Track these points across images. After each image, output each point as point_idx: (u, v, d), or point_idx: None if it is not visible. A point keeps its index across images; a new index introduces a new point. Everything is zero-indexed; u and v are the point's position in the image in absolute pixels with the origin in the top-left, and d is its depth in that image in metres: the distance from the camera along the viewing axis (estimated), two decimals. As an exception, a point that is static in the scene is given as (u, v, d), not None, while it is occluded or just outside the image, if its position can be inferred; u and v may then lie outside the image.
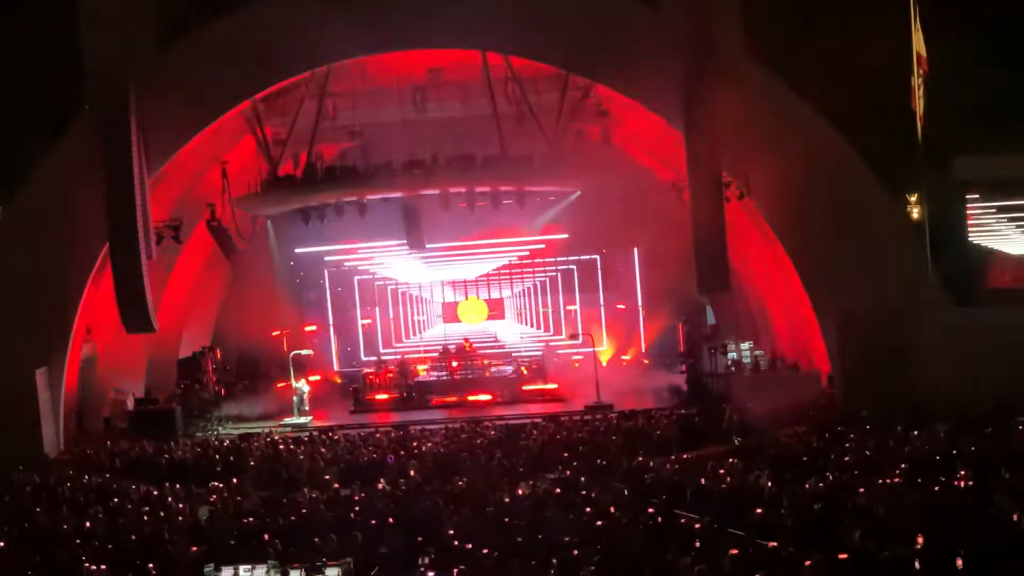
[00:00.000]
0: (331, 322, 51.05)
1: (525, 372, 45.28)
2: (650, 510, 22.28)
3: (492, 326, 51.82)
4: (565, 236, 46.44)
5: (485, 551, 19.95)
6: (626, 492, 24.79)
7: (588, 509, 22.87)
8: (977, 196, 37.13)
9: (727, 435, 31.88)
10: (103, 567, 20.85)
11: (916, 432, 28.47)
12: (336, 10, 35.62)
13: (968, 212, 37.11)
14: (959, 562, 16.98)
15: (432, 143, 39.39)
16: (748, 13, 35.18)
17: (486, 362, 47.05)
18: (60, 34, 36.86)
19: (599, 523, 21.61)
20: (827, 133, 35.68)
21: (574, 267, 50.46)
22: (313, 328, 49.06)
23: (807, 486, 23.49)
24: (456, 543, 20.73)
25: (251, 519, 24.35)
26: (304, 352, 44.61)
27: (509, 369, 46.10)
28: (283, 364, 43.75)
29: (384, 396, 44.33)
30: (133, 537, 23.14)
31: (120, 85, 35.21)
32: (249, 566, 20.12)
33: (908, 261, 35.61)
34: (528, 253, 49.13)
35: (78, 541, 22.88)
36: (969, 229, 37.32)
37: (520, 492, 25.43)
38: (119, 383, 41.42)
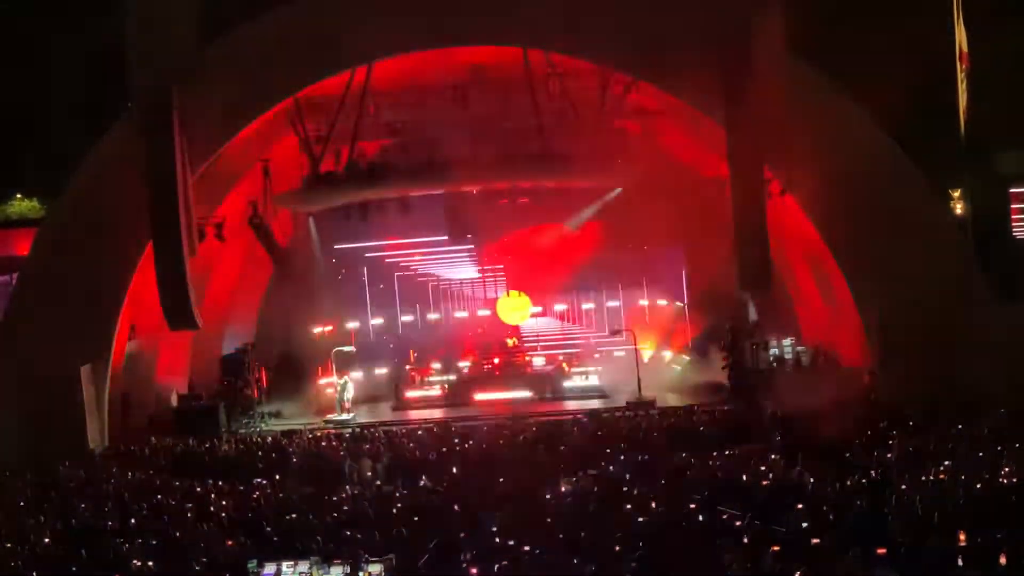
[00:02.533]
0: (372, 319, 51.05)
1: (567, 369, 45.22)
2: (692, 507, 22.26)
3: (536, 322, 51.84)
4: (606, 232, 46.38)
5: (527, 548, 19.97)
6: (668, 489, 24.75)
7: (629, 506, 22.86)
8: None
9: (769, 431, 31.77)
10: (148, 563, 20.99)
11: (960, 428, 28.34)
12: (378, 7, 35.75)
13: (1012, 207, 36.91)
14: (1003, 559, 16.89)
15: (473, 140, 39.38)
16: (789, 7, 35.03)
17: (528, 358, 47.03)
18: (105, 32, 37.11)
19: (641, 520, 21.61)
20: (869, 128, 35.55)
21: (617, 263, 50.35)
22: (356, 324, 49.19)
23: (849, 482, 23.43)
24: (498, 540, 20.75)
25: (294, 515, 24.45)
26: (346, 348, 44.72)
27: (551, 366, 46.03)
28: (325, 360, 43.87)
29: (426, 393, 44.34)
30: (177, 533, 23.27)
31: (164, 83, 35.28)
32: (292, 562, 20.19)
33: (952, 257, 35.47)
34: (568, 249, 49.04)
35: (122, 538, 23.01)
36: (1013, 224, 37.15)
37: (562, 489, 25.44)
38: (163, 380, 41.61)
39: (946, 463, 24.37)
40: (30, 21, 46.67)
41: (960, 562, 17.21)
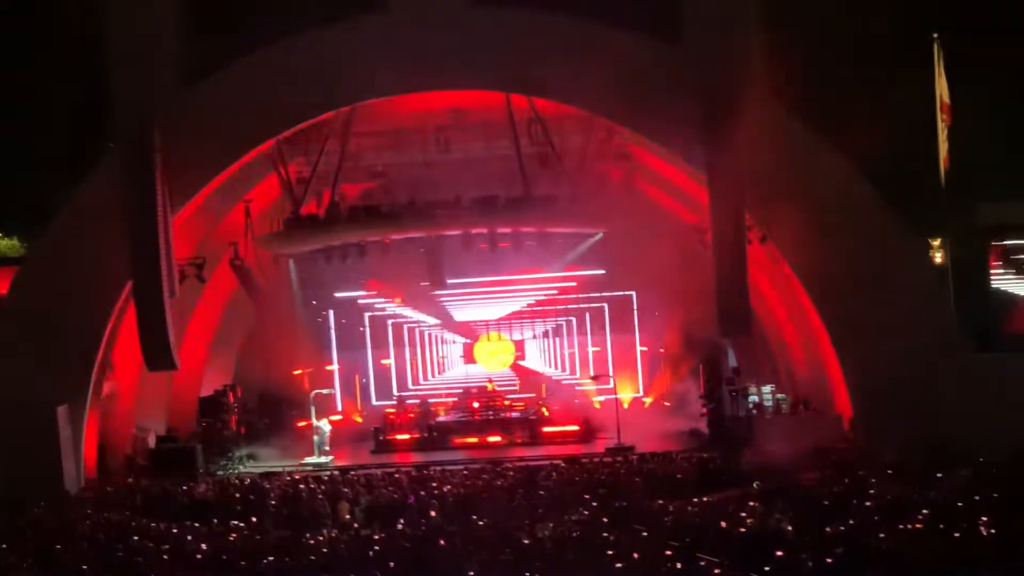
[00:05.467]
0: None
1: (547, 413, 45.19)
2: (669, 553, 22.21)
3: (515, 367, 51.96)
4: (586, 277, 46.51)
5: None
6: (646, 534, 24.71)
7: (609, 552, 22.82)
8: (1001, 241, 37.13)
9: (748, 478, 31.75)
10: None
11: (939, 476, 28.36)
12: (359, 52, 35.88)
13: (991, 258, 37.12)
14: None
15: (455, 184, 39.48)
16: (772, 56, 35.25)
17: (507, 403, 47.02)
18: (87, 72, 37.17)
19: (619, 566, 21.56)
20: (851, 177, 35.70)
21: (600, 307, 50.52)
22: (334, 367, 49.20)
23: (828, 530, 23.42)
24: (475, 584, 20.72)
25: (271, 557, 24.35)
26: (325, 391, 44.71)
27: (530, 411, 45.98)
28: (304, 403, 43.80)
29: (405, 436, 44.22)
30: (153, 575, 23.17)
31: (146, 123, 35.37)
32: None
33: (931, 306, 35.59)
34: (548, 295, 49.17)
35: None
36: (992, 274, 37.33)
37: (541, 534, 25.37)
38: (141, 421, 41.47)
39: (924, 512, 24.35)
40: (14, 64, 46.75)
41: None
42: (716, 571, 20.67)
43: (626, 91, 35.33)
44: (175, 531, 28.50)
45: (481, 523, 26.98)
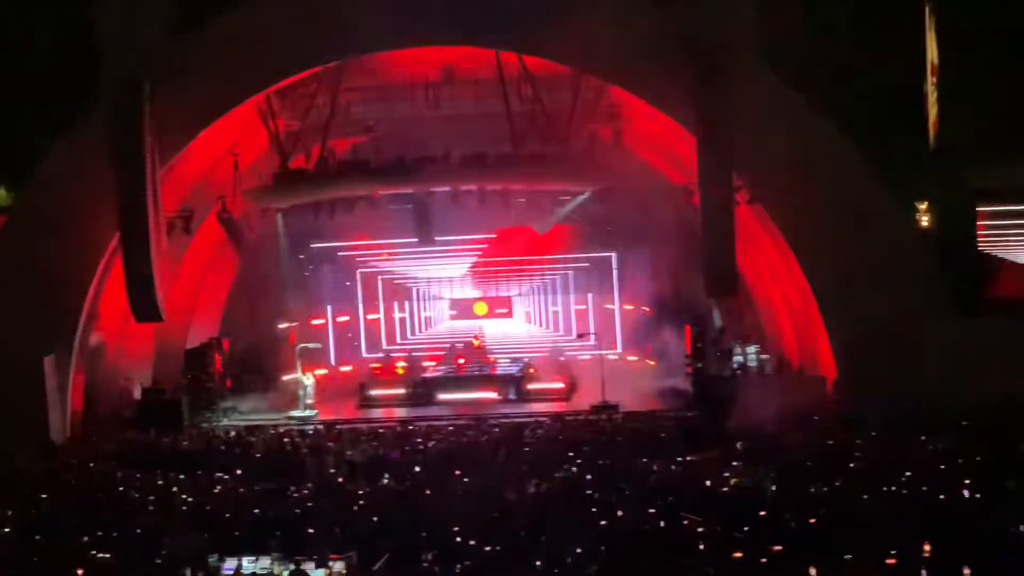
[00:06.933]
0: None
1: (532, 371, 45.25)
2: (653, 512, 22.32)
3: (501, 324, 52.00)
4: (574, 235, 46.54)
5: (488, 549, 20.01)
6: (629, 493, 24.81)
7: (593, 509, 22.91)
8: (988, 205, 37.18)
9: (731, 438, 31.86)
10: (107, 555, 20.94)
11: (923, 439, 28.49)
12: (350, 5, 35.70)
13: (979, 221, 37.18)
14: (966, 572, 17.00)
15: (445, 140, 39.42)
16: (760, 17, 35.23)
17: (493, 359, 47.07)
18: (74, 22, 36.95)
19: (602, 523, 21.66)
20: (839, 140, 35.72)
21: (584, 266, 50.55)
22: (321, 321, 49.25)
23: (811, 491, 23.54)
24: (459, 540, 20.78)
25: (256, 510, 24.43)
26: (311, 345, 44.71)
27: (516, 367, 46.03)
28: (290, 357, 43.82)
29: (390, 392, 44.27)
30: (138, 527, 23.20)
31: (134, 75, 35.28)
32: (253, 557, 20.20)
33: (916, 268, 35.67)
34: (537, 252, 49.16)
35: (83, 529, 22.93)
36: (979, 238, 37.39)
37: (524, 491, 25.46)
38: (127, 372, 41.50)
39: (907, 474, 24.48)
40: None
41: (924, 574, 17.33)
42: (699, 530, 20.74)
43: (617, 50, 35.25)
44: (160, 482, 28.57)
45: (465, 479, 27.06)
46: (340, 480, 28.56)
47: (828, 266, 35.97)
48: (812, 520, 20.89)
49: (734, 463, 27.41)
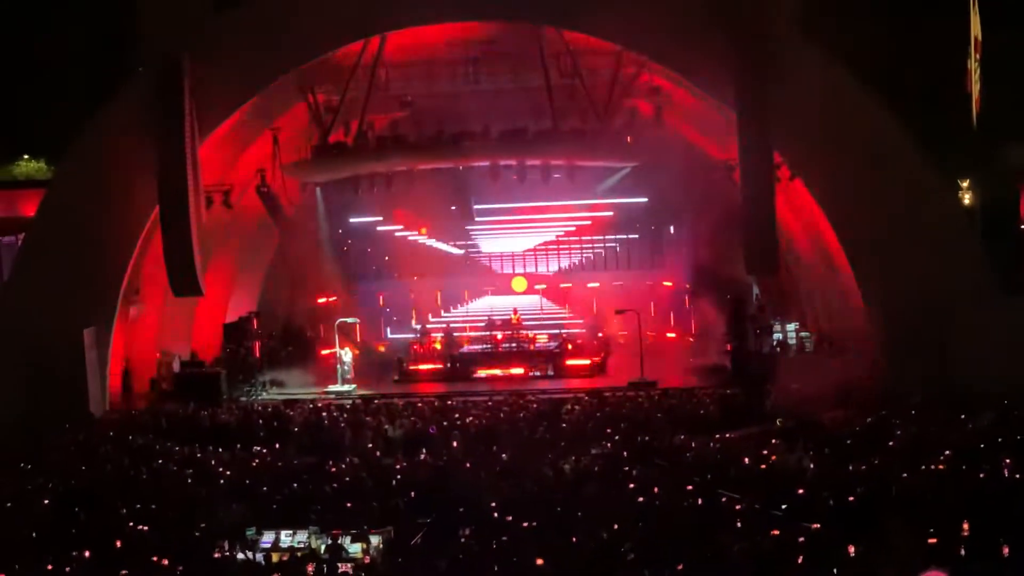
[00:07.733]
0: (376, 290, 51.14)
1: (570, 347, 45.14)
2: (691, 488, 22.26)
3: (539, 300, 52.04)
4: (611, 213, 46.48)
5: (525, 524, 19.99)
6: (667, 470, 24.75)
7: (630, 485, 22.86)
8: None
9: (770, 415, 31.76)
10: (145, 527, 21.03)
11: (963, 418, 28.32)
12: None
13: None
14: (1005, 550, 16.87)
15: (484, 115, 39.31)
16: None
17: (531, 335, 47.01)
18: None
19: (640, 500, 21.61)
20: (881, 116, 35.44)
21: (624, 242, 50.48)
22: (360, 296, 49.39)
23: (850, 468, 23.43)
24: (496, 516, 20.77)
25: (294, 484, 24.47)
26: (350, 320, 44.76)
27: (554, 343, 45.95)
28: (328, 331, 43.88)
29: (428, 367, 44.24)
30: (176, 499, 23.30)
31: (176, 49, 35.38)
32: (291, 531, 20.26)
33: (958, 247, 35.40)
34: (575, 228, 49.10)
35: (121, 501, 23.04)
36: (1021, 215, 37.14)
37: (562, 467, 25.44)
38: (166, 345, 41.65)
39: (946, 453, 24.33)
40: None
41: (962, 552, 17.20)
42: (737, 507, 20.67)
43: (659, 25, 35.21)
44: (198, 455, 28.70)
45: (502, 455, 27.05)
46: (378, 455, 28.58)
47: (868, 244, 35.72)
48: (851, 498, 20.77)
49: (773, 440, 27.31)
